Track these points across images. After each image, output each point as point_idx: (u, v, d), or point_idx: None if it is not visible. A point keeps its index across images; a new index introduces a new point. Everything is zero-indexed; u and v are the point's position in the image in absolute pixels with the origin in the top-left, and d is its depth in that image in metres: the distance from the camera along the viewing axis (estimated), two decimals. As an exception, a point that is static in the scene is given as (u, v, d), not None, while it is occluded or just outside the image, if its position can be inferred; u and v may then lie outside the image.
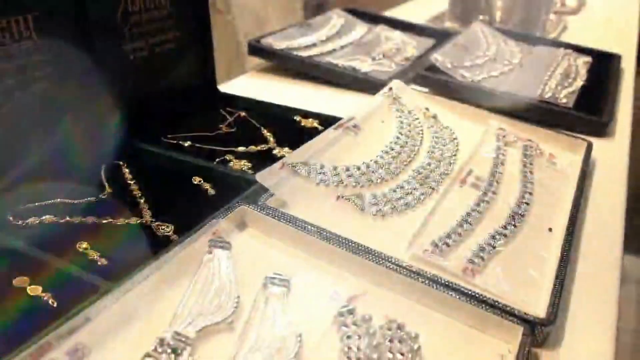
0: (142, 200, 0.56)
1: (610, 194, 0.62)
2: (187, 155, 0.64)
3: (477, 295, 0.41)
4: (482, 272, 0.45)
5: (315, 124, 0.74)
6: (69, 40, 0.59)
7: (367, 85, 0.88)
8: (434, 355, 0.38)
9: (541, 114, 0.78)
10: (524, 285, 0.45)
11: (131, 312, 0.37)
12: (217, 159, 0.64)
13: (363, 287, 0.42)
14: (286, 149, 0.67)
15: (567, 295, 0.46)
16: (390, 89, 0.72)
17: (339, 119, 0.64)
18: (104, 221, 0.53)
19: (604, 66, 1.00)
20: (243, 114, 0.77)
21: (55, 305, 0.42)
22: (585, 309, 0.45)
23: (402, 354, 0.37)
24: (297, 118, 0.76)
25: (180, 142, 0.69)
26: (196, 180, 0.59)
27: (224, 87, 0.85)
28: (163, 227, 0.52)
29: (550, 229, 0.52)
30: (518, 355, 0.37)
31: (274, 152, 0.67)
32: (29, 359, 0.32)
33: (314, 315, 0.39)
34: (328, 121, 0.69)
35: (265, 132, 0.72)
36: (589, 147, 0.66)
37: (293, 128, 0.74)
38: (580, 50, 1.06)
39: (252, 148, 0.68)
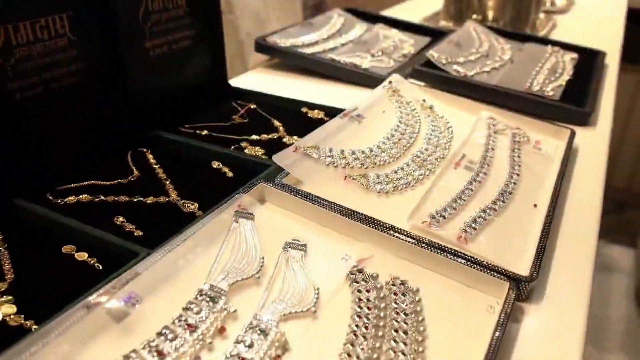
0: (167, 182, 0.62)
1: (590, 176, 0.68)
2: (205, 143, 0.70)
3: (469, 257, 0.47)
4: (474, 240, 0.51)
5: (321, 115, 0.80)
6: (98, 37, 0.65)
7: (368, 80, 0.94)
8: (432, 306, 0.44)
9: (529, 106, 0.84)
10: (511, 251, 0.51)
11: (173, 269, 0.43)
12: (233, 146, 0.70)
13: (370, 251, 0.48)
14: (295, 137, 0.73)
15: (548, 261, 0.52)
16: (390, 82, 0.79)
17: (344, 110, 0.70)
18: (135, 200, 0.58)
19: (589, 62, 1.06)
20: (253, 106, 0.83)
21: (100, 268, 0.48)
22: (564, 273, 0.51)
23: (405, 304, 0.43)
24: (304, 110, 0.82)
25: (197, 131, 0.74)
26: (215, 164, 0.65)
27: (233, 83, 0.91)
28: (188, 204, 0.58)
29: (535, 205, 0.59)
30: (504, 307, 0.43)
31: (284, 140, 0.73)
32: (92, 305, 0.38)
33: (328, 274, 0.45)
34: (333, 113, 0.75)
35: (275, 122, 0.78)
36: (572, 134, 0.73)
37: (300, 119, 0.80)
38: (567, 47, 1.12)
39: (264, 136, 0.74)
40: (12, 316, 0.43)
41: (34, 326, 0.42)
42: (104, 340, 0.37)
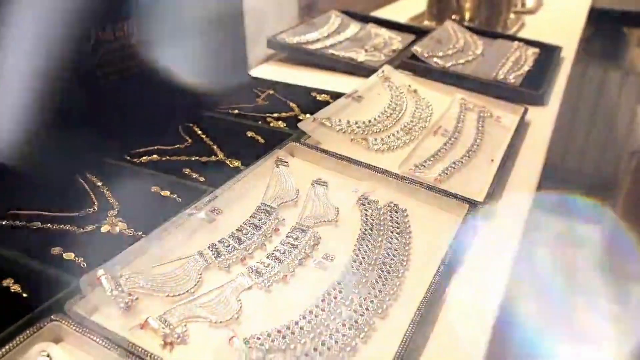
0: (215, 147, 0.81)
1: (538, 141, 0.88)
2: (239, 118, 0.89)
3: (442, 190, 0.67)
4: (446, 182, 0.71)
5: (327, 98, 1.00)
6: (155, 37, 0.84)
7: (363, 71, 1.13)
8: (415, 221, 0.63)
9: (495, 90, 1.03)
10: (471, 188, 0.70)
11: (238, 194, 0.62)
12: (259, 121, 0.90)
13: (372, 187, 0.68)
14: (308, 115, 0.92)
15: (498, 196, 0.72)
16: (383, 71, 0.98)
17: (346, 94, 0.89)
18: (193, 158, 0.78)
19: (548, 56, 1.27)
20: (271, 92, 1.02)
21: (180, 201, 0.67)
22: (509, 204, 0.71)
23: (397, 217, 0.62)
24: (314, 94, 1.01)
25: (230, 111, 0.93)
26: (249, 133, 0.85)
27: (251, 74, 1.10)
28: (234, 161, 0.77)
29: (492, 160, 0.79)
30: (464, 220, 0.63)
31: (300, 117, 0.93)
32: (192, 213, 0.57)
33: (344, 200, 0.65)
34: (337, 96, 0.94)
35: (290, 104, 0.97)
36: (525, 110, 0.93)
37: (311, 101, 0.99)
38: (530, 43, 1.33)
39: (283, 114, 0.93)
40: (125, 230, 0.62)
41: (143, 235, 0.61)
42: (202, 233, 0.56)
